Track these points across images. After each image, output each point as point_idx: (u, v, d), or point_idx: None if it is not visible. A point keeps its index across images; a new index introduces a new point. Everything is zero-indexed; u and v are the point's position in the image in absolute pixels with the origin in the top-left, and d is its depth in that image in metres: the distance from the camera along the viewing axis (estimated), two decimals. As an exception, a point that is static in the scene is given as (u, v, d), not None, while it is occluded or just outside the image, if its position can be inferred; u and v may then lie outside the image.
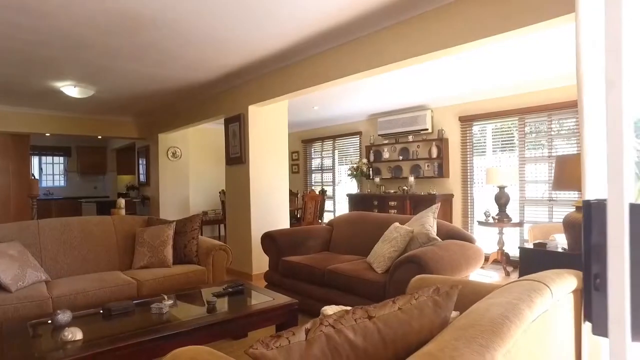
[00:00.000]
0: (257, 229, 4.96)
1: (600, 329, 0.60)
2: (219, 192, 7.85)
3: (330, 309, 1.18)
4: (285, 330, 1.04)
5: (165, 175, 7.68)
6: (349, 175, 7.60)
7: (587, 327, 0.70)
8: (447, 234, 3.41)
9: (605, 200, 0.58)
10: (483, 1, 2.83)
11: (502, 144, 5.93)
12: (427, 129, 6.52)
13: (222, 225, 7.75)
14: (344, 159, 8.53)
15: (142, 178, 8.54)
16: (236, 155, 5.31)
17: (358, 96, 6.05)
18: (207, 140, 8.35)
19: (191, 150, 8.07)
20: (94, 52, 4.07)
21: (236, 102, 5.39)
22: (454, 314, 1.31)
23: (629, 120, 0.61)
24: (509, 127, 5.80)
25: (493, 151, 6.01)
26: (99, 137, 8.33)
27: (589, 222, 0.63)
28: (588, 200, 0.64)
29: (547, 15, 2.50)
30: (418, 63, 3.46)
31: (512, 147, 5.76)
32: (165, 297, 2.69)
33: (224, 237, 7.32)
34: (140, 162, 8.66)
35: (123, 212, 5.52)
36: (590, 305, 0.62)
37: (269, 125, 5.35)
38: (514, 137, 5.74)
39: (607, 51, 0.64)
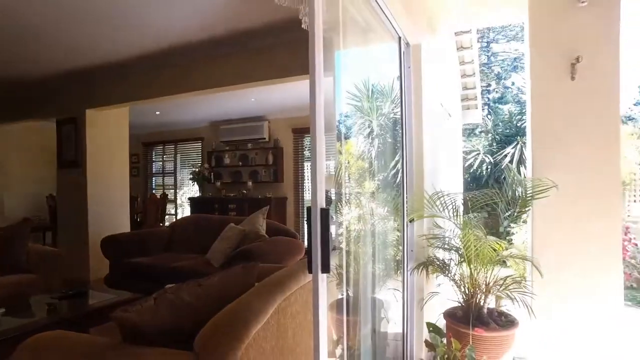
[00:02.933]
0: (96, 234, 4.90)
1: (310, 270, 1.26)
2: (46, 197, 7.21)
3: (170, 286, 1.65)
4: (138, 300, 1.49)
5: (-29, 177, 6.71)
6: (191, 179, 7.85)
7: (323, 277, 1.36)
8: (276, 231, 4.11)
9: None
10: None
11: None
12: (264, 138, 7.24)
13: (49, 233, 7.13)
14: (186, 162, 8.71)
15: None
16: (71, 158, 5.14)
17: (200, 104, 6.39)
18: (30, 140, 7.54)
19: (7, 149, 7.20)
20: None
21: (71, 104, 5.20)
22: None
23: (321, 154, 1.29)
24: (333, 140, 6.88)
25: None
26: None
27: (309, 217, 1.28)
28: (310, 207, 1.29)
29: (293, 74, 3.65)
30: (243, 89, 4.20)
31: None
32: (-2, 304, 2.69)
33: (51, 245, 6.79)
34: None
35: None
36: (309, 260, 1.27)
37: (109, 129, 5.32)
38: (337, 148, 6.84)
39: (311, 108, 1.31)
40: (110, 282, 4.16)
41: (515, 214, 2.80)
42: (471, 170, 8.00)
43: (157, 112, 6.93)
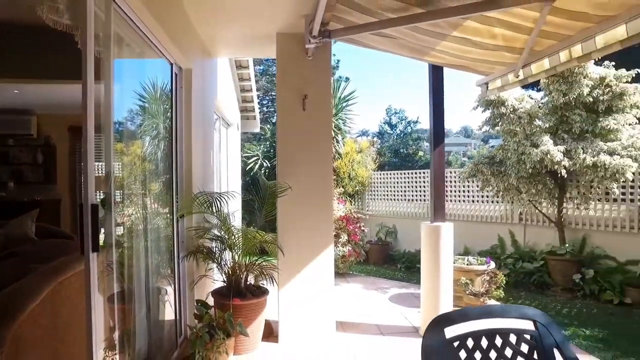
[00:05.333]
0: None
1: (83, 251, 1.64)
2: None
3: None
4: None
5: None
6: None
7: (94, 256, 1.73)
8: (48, 234, 4.01)
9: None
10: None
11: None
12: (31, 135, 6.52)
13: None
14: None
15: None
16: None
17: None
18: None
19: None
20: None
21: None
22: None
23: (91, 154, 1.69)
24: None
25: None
26: None
27: (81, 211, 1.66)
28: (81, 203, 1.67)
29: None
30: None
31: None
32: None
33: None
34: None
35: None
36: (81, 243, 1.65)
37: None
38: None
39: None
40: None
41: (266, 209, 3.64)
42: (252, 173, 8.98)
43: None
